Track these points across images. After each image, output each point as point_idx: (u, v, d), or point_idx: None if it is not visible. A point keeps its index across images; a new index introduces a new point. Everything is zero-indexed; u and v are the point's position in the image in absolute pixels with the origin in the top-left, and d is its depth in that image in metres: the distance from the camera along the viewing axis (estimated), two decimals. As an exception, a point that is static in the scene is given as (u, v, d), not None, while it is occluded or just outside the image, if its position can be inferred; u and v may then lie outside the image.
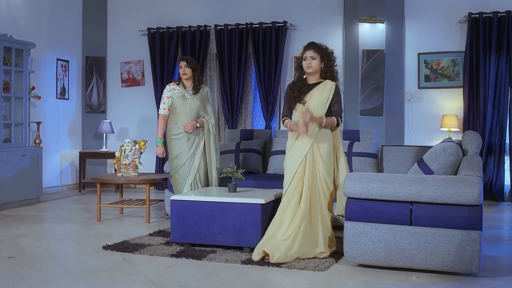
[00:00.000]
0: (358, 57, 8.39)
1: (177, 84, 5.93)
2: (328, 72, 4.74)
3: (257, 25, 8.84)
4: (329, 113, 4.72)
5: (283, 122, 4.89)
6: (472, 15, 7.94)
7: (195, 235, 4.95)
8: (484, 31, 7.91)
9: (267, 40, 8.82)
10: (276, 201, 4.96)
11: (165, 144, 6.07)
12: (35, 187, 7.74)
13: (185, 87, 5.91)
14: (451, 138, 5.56)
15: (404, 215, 4.17)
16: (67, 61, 9.24)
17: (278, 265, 4.41)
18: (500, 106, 7.87)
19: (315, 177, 4.65)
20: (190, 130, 5.75)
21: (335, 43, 8.64)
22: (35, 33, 8.32)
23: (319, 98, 4.67)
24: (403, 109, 8.40)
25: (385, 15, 8.31)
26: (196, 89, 5.87)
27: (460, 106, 8.13)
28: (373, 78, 8.27)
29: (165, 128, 5.96)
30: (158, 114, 6.10)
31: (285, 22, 8.75)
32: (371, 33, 8.34)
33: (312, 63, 4.69)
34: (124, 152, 6.60)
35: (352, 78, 8.46)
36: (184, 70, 5.84)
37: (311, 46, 4.75)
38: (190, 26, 9.14)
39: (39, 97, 8.09)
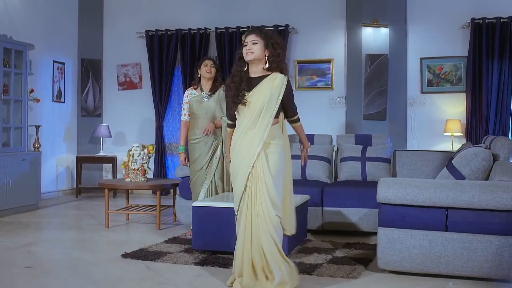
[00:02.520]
0: (361, 61, 8.35)
1: (195, 88, 5.74)
2: (274, 62, 3.78)
3: (259, 28, 8.73)
4: (279, 112, 3.88)
5: (227, 126, 4.07)
6: (475, 21, 7.97)
7: (218, 242, 4.81)
8: (487, 36, 7.94)
9: (268, 44, 8.70)
10: (302, 207, 4.87)
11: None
12: (34, 193, 7.51)
13: (202, 90, 5.71)
14: (470, 143, 5.55)
15: (440, 221, 4.12)
16: (63, 63, 9.01)
17: (309, 272, 4.33)
18: (502, 111, 7.89)
19: (258, 192, 3.74)
20: (210, 133, 5.54)
21: (338, 47, 8.63)
22: (32, 34, 8.07)
23: (268, 93, 3.74)
24: (406, 114, 8.38)
25: (387, 20, 8.29)
26: (213, 90, 5.66)
27: (462, 111, 8.15)
28: (377, 82, 8.24)
29: (187, 134, 5.77)
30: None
31: (287, 25, 8.67)
32: (375, 37, 8.31)
33: (253, 48, 3.75)
34: (132, 157, 6.43)
35: (355, 82, 8.42)
36: (209, 69, 5.63)
37: (253, 30, 3.85)
38: (189, 29, 9.00)
39: (38, 100, 7.86)
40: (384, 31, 8.29)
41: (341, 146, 6.59)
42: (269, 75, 3.83)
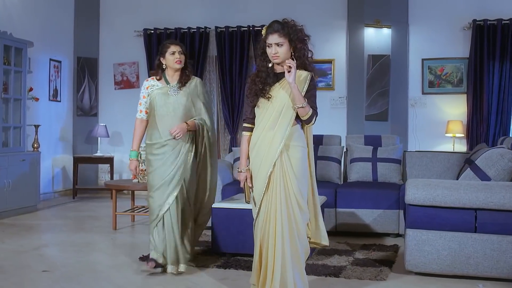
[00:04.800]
0: (363, 62, 8.33)
1: (157, 79, 4.50)
2: (299, 58, 3.57)
3: (259, 28, 8.68)
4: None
5: (242, 130, 3.78)
6: (476, 22, 8.00)
7: (240, 245, 4.72)
8: (488, 38, 7.98)
9: (269, 43, 8.64)
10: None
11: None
12: (34, 194, 7.32)
13: (167, 82, 4.48)
14: (485, 144, 5.55)
15: (469, 222, 4.10)
16: (60, 62, 8.81)
17: (336, 275, 4.27)
18: (503, 113, 7.93)
19: (287, 195, 3.53)
20: (180, 135, 4.35)
21: (339, 47, 8.60)
22: (29, 32, 7.84)
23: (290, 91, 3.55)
24: (407, 115, 8.39)
25: (389, 21, 8.29)
26: (183, 82, 4.47)
27: (463, 112, 8.18)
28: (379, 83, 8.23)
29: (143, 136, 4.66)
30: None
31: (288, 25, 8.59)
32: (377, 38, 8.30)
33: (278, 52, 3.54)
34: (140, 157, 6.28)
35: (356, 82, 8.40)
36: (179, 57, 4.42)
37: (276, 28, 3.54)
38: (189, 28, 8.89)
39: (37, 99, 7.66)
40: (386, 32, 8.28)
41: (351, 147, 6.55)
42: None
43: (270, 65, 3.63)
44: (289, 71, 3.46)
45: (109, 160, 8.79)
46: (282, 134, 3.56)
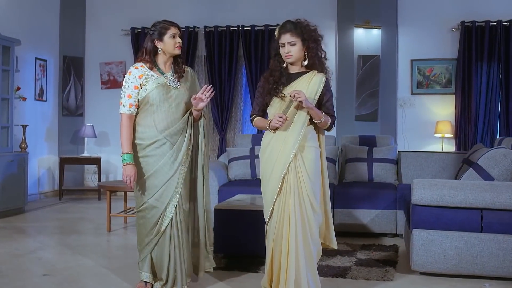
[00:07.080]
0: (353, 63, 8.36)
1: (149, 68, 3.72)
2: (311, 59, 3.59)
3: (249, 28, 8.64)
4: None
5: (252, 121, 3.80)
6: (465, 24, 8.10)
7: (243, 246, 4.67)
8: (476, 39, 8.08)
9: (258, 43, 8.63)
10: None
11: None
12: (21, 196, 7.15)
13: (161, 71, 3.76)
14: (482, 145, 5.60)
15: (475, 222, 4.13)
16: (45, 61, 8.64)
17: (342, 276, 4.26)
18: (491, 113, 8.05)
19: (301, 196, 3.52)
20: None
21: (328, 48, 8.50)
22: (15, 30, 7.65)
23: (304, 91, 3.50)
24: (396, 115, 8.44)
25: (379, 21, 8.33)
26: (180, 72, 3.80)
27: (452, 112, 8.27)
28: (369, 83, 8.27)
29: (133, 135, 3.73)
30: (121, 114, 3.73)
31: (278, 25, 8.56)
32: (366, 38, 8.34)
33: (291, 51, 3.56)
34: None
35: (346, 83, 8.41)
36: (180, 41, 3.75)
37: (288, 27, 3.57)
38: (177, 27, 8.80)
39: (24, 99, 7.49)
40: (376, 33, 8.33)
41: (346, 147, 6.55)
42: (307, 72, 3.64)
43: (284, 65, 3.66)
44: (300, 101, 3.45)
45: (96, 161, 8.64)
46: (296, 135, 3.55)
